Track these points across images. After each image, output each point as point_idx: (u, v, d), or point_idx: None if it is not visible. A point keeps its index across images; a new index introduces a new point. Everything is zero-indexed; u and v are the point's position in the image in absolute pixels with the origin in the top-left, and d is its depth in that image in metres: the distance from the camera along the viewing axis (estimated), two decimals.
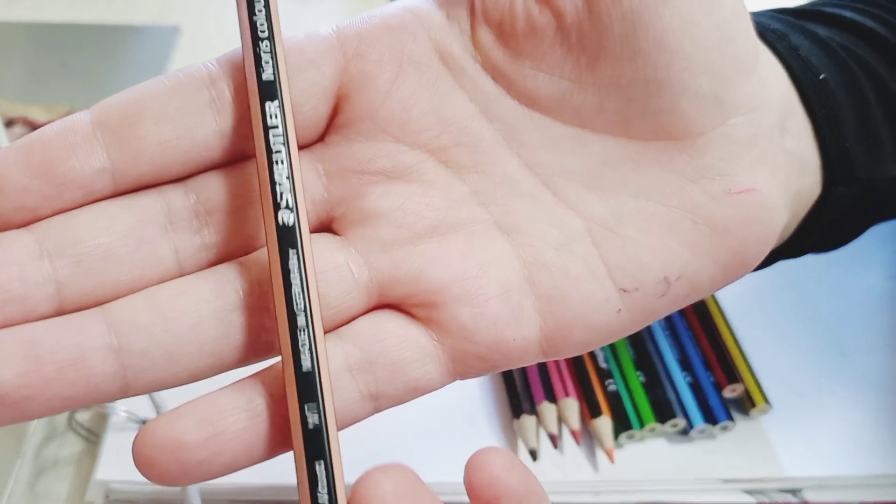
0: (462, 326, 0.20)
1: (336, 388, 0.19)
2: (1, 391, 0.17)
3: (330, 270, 0.20)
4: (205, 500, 0.32)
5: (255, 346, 0.19)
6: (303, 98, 0.20)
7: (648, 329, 0.37)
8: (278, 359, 0.19)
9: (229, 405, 0.18)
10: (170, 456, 0.17)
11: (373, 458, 0.34)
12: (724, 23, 0.20)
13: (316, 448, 0.17)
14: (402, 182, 0.21)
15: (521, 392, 0.35)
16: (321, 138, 0.21)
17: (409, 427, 0.35)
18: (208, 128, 0.19)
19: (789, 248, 0.26)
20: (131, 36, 0.57)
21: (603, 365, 0.36)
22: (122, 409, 0.34)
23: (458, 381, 0.38)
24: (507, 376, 0.36)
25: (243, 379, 0.19)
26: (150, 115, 0.19)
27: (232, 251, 0.20)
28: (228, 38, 0.20)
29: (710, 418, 0.34)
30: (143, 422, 0.34)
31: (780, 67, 0.24)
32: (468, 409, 0.36)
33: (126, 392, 0.18)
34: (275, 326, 0.19)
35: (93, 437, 0.35)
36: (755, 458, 0.34)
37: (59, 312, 0.18)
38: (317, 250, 0.20)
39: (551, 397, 0.35)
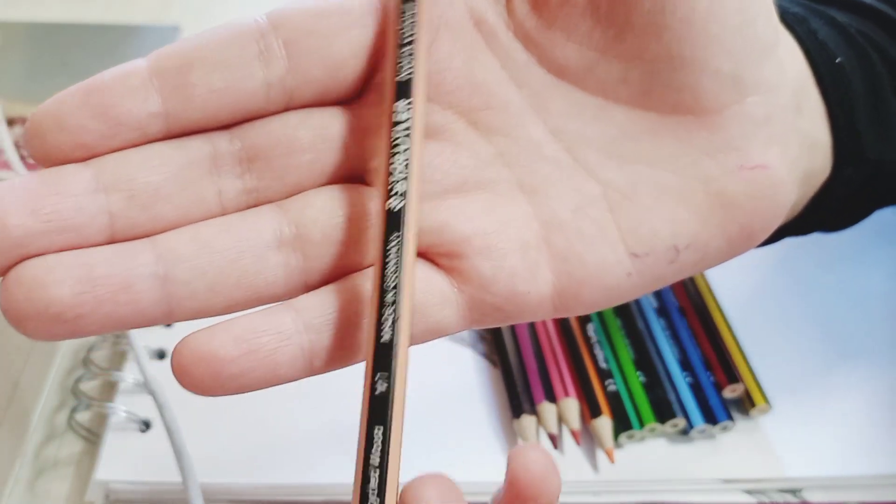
0: (482, 277, 0.21)
1: (360, 325, 0.20)
2: (58, 309, 0.18)
3: (361, 217, 0.21)
4: (206, 500, 0.32)
5: (289, 283, 0.20)
6: (346, 56, 0.21)
7: (648, 329, 0.37)
8: (309, 294, 0.20)
9: (263, 326, 0.19)
10: (206, 367, 0.19)
11: None
12: (748, 5, 0.21)
13: (379, 413, 0.18)
14: (432, 140, 0.22)
15: (521, 392, 0.35)
16: (359, 95, 0.22)
17: (409, 426, 0.35)
18: (256, 79, 0.20)
19: (797, 225, 0.27)
20: (131, 35, 0.57)
21: (603, 365, 0.36)
22: (122, 409, 0.34)
23: (458, 381, 0.38)
24: (508, 376, 0.36)
25: (275, 305, 0.20)
26: (202, 64, 0.20)
27: (271, 196, 0.21)
28: None
29: (711, 418, 0.34)
30: (144, 422, 0.34)
31: (798, 50, 0.25)
32: (468, 409, 0.36)
33: (170, 317, 0.19)
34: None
35: (93, 437, 0.35)
36: (755, 459, 0.34)
37: (111, 242, 0.19)
38: (349, 199, 0.21)
39: (551, 397, 0.35)
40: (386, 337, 0.19)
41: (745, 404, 0.35)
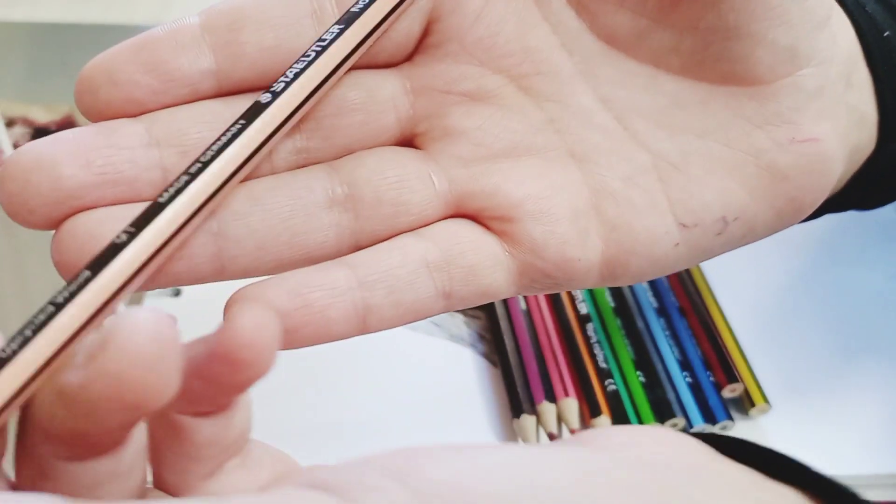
0: (533, 241, 0.21)
1: (413, 283, 0.20)
2: None
3: (413, 178, 0.21)
4: None
5: (340, 243, 0.20)
6: (398, 17, 0.21)
7: (648, 329, 0.37)
8: (363, 251, 0.20)
9: (316, 281, 0.19)
10: (259, 321, 0.18)
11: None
12: None
13: (97, 262, 0.16)
14: (483, 104, 0.22)
15: (521, 392, 0.35)
16: (410, 58, 0.22)
17: (409, 426, 0.35)
18: (307, 37, 0.20)
19: (837, 201, 0.27)
20: (131, 36, 0.57)
21: (603, 365, 0.36)
22: None
23: (459, 381, 0.38)
24: (508, 376, 0.36)
25: (326, 262, 0.20)
26: (254, 22, 0.20)
27: (321, 156, 0.21)
28: None
29: (710, 418, 0.34)
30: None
31: (848, 22, 0.25)
32: (468, 409, 0.36)
33: (221, 275, 0.19)
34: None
35: None
36: None
37: None
38: (401, 160, 0.21)
39: (551, 397, 0.35)
40: (164, 198, 0.17)
41: (745, 404, 0.35)
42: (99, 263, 0.16)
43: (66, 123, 0.50)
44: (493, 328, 0.38)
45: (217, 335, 0.15)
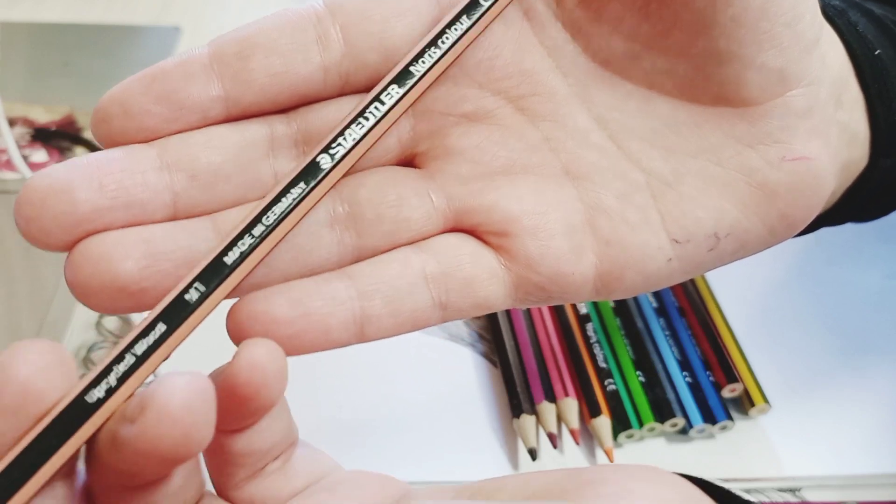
0: (529, 256, 0.22)
1: (411, 293, 0.21)
2: (123, 283, 0.18)
3: (413, 196, 0.22)
4: None
5: (343, 260, 0.21)
6: (401, 41, 0.21)
7: (648, 329, 0.37)
8: (363, 263, 0.21)
9: (317, 291, 0.20)
10: (261, 328, 0.19)
11: (374, 455, 0.34)
12: (798, 1, 0.22)
13: (173, 313, 0.18)
14: (481, 124, 0.23)
15: (520, 392, 0.35)
16: None
17: (409, 426, 0.35)
18: (313, 63, 0.21)
19: (832, 215, 0.28)
20: (132, 36, 0.57)
21: (603, 365, 0.36)
22: None
23: (458, 381, 0.38)
24: (508, 376, 0.36)
25: (327, 273, 0.21)
26: (261, 49, 0.20)
27: None
28: None
29: (710, 418, 0.34)
30: None
31: (839, 42, 0.26)
32: (468, 409, 0.36)
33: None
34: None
35: None
36: (754, 458, 0.34)
37: (173, 219, 0.20)
38: (401, 179, 0.22)
39: (551, 397, 0.35)
40: (230, 259, 0.19)
41: (745, 404, 0.35)
42: (172, 318, 0.18)
43: (66, 123, 0.50)
44: (493, 328, 0.38)
45: (225, 374, 0.17)
